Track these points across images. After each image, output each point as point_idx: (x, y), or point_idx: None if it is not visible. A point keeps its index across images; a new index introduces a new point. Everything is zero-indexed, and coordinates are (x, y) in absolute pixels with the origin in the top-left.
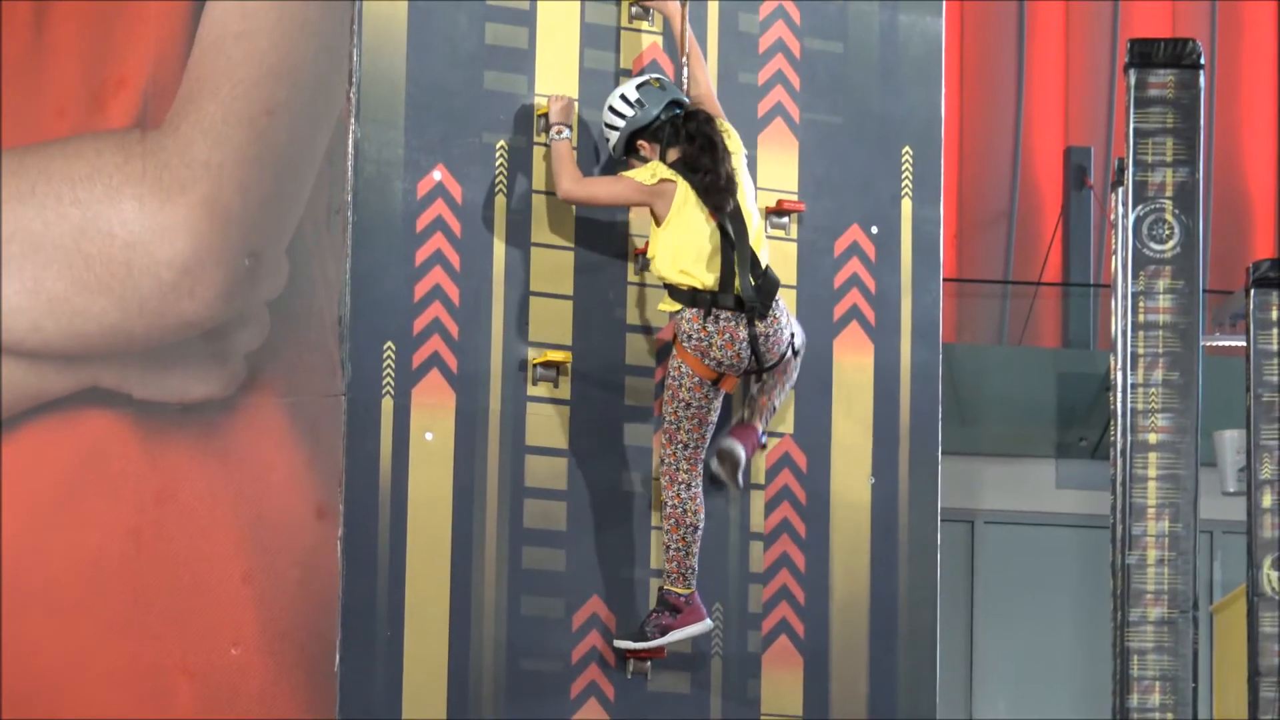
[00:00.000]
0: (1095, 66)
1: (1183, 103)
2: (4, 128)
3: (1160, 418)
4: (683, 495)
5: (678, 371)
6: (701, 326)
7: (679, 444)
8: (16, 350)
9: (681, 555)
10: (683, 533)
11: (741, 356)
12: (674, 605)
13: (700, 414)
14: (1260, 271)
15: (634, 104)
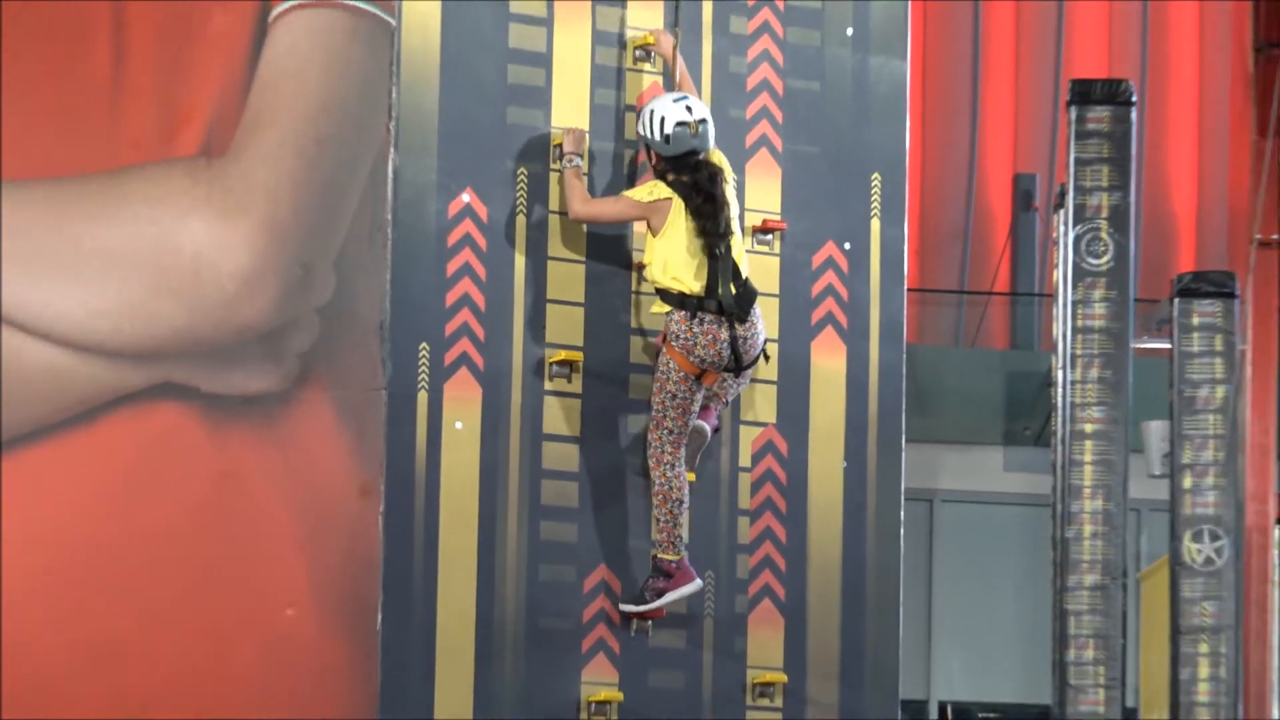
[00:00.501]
0: (1040, 103)
1: (1117, 135)
2: (88, 156)
3: (1095, 410)
4: (668, 474)
5: (665, 367)
6: (688, 328)
7: (664, 430)
8: (99, 350)
9: (670, 526)
10: (670, 506)
11: (722, 355)
12: (667, 571)
13: (684, 404)
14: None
15: (664, 137)
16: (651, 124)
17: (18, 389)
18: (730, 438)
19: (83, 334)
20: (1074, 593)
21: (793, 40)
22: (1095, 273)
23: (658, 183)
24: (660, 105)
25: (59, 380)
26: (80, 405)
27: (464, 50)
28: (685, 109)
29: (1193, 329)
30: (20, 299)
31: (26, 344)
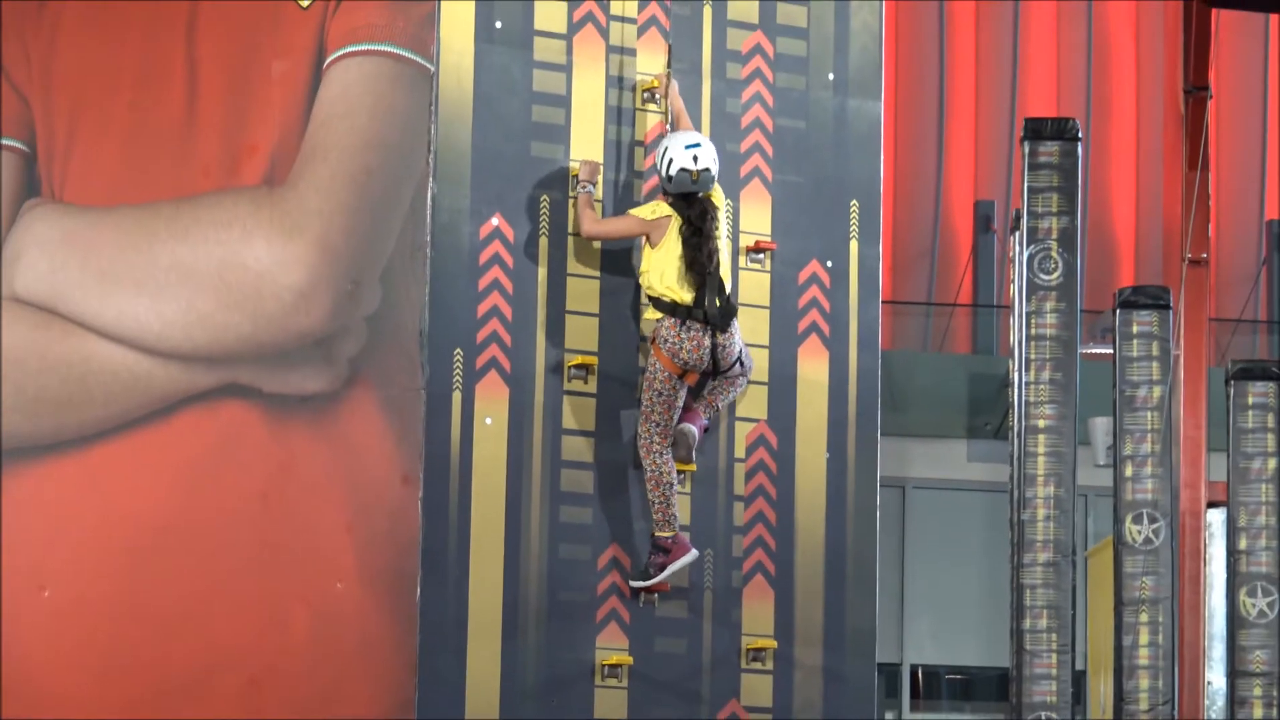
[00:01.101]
0: (998, 138)
1: (1065, 167)
2: (165, 184)
3: (1047, 408)
4: (658, 461)
5: (653, 368)
6: (677, 333)
7: (653, 423)
8: (174, 354)
9: (664, 506)
10: (662, 489)
11: (704, 359)
12: (664, 547)
13: (669, 400)
14: (1124, 296)
15: (668, 176)
16: (661, 160)
17: (102, 389)
18: (726, 432)
19: (159, 340)
20: (1029, 569)
21: (781, 84)
22: (1046, 287)
23: (659, 202)
24: (674, 146)
25: (138, 381)
26: (157, 403)
27: (494, 93)
28: (692, 158)
29: (1132, 336)
30: (104, 310)
31: (110, 349)
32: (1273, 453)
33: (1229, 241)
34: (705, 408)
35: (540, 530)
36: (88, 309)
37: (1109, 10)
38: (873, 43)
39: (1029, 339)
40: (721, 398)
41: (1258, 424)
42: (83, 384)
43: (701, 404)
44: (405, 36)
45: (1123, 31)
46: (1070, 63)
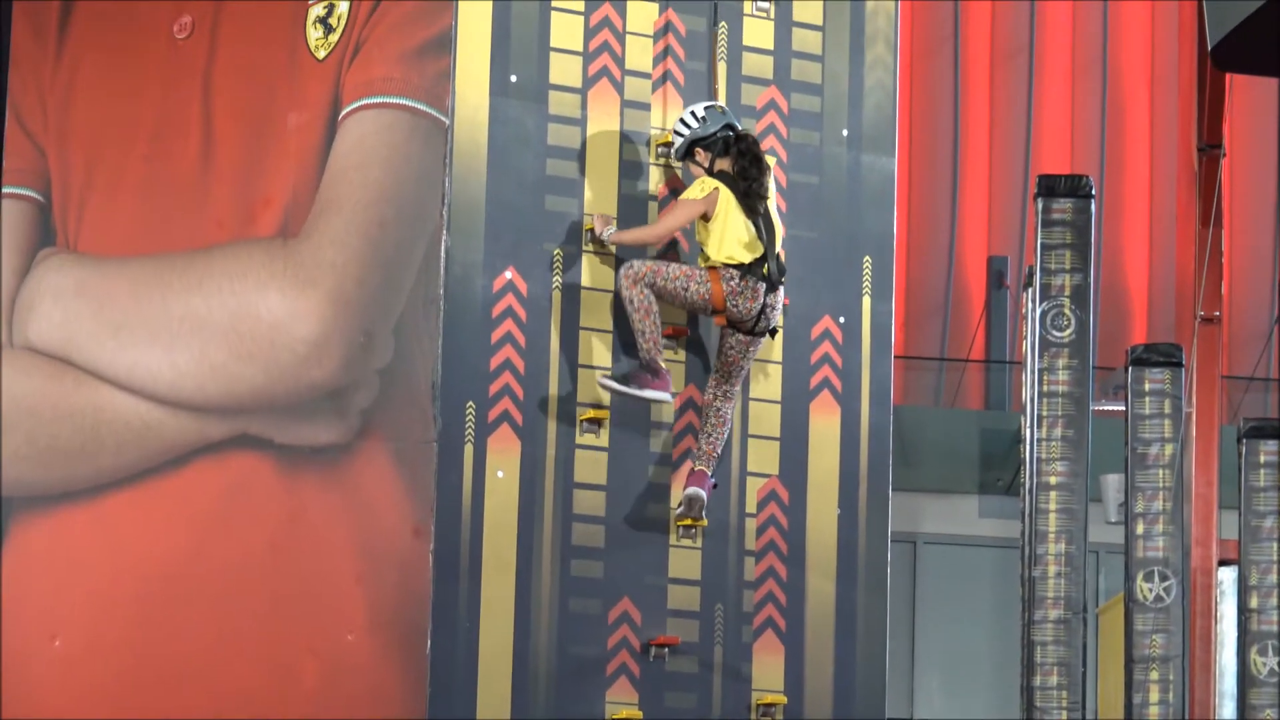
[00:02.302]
0: (1011, 195)
1: (1078, 224)
2: (179, 235)
3: (1059, 464)
4: (646, 292)
5: (701, 275)
6: (740, 281)
7: (657, 277)
8: (186, 405)
9: (655, 335)
10: (652, 319)
11: (751, 312)
12: (655, 370)
13: (681, 298)
14: (1136, 353)
15: (699, 120)
16: (686, 122)
17: (114, 439)
18: (738, 487)
19: (171, 391)
20: (1040, 625)
21: (795, 140)
22: (1059, 344)
23: (705, 178)
24: (684, 111)
25: (150, 431)
26: (168, 454)
27: (508, 146)
28: (705, 103)
29: (1144, 394)
30: (117, 360)
31: (122, 399)
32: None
33: (1242, 299)
34: (707, 462)
35: (551, 584)
36: (101, 359)
37: (1123, 68)
38: (886, 99)
39: (1041, 395)
40: (719, 442)
41: (1269, 482)
42: (95, 433)
43: (702, 460)
44: (420, 90)
45: (1136, 89)
46: (1084, 119)
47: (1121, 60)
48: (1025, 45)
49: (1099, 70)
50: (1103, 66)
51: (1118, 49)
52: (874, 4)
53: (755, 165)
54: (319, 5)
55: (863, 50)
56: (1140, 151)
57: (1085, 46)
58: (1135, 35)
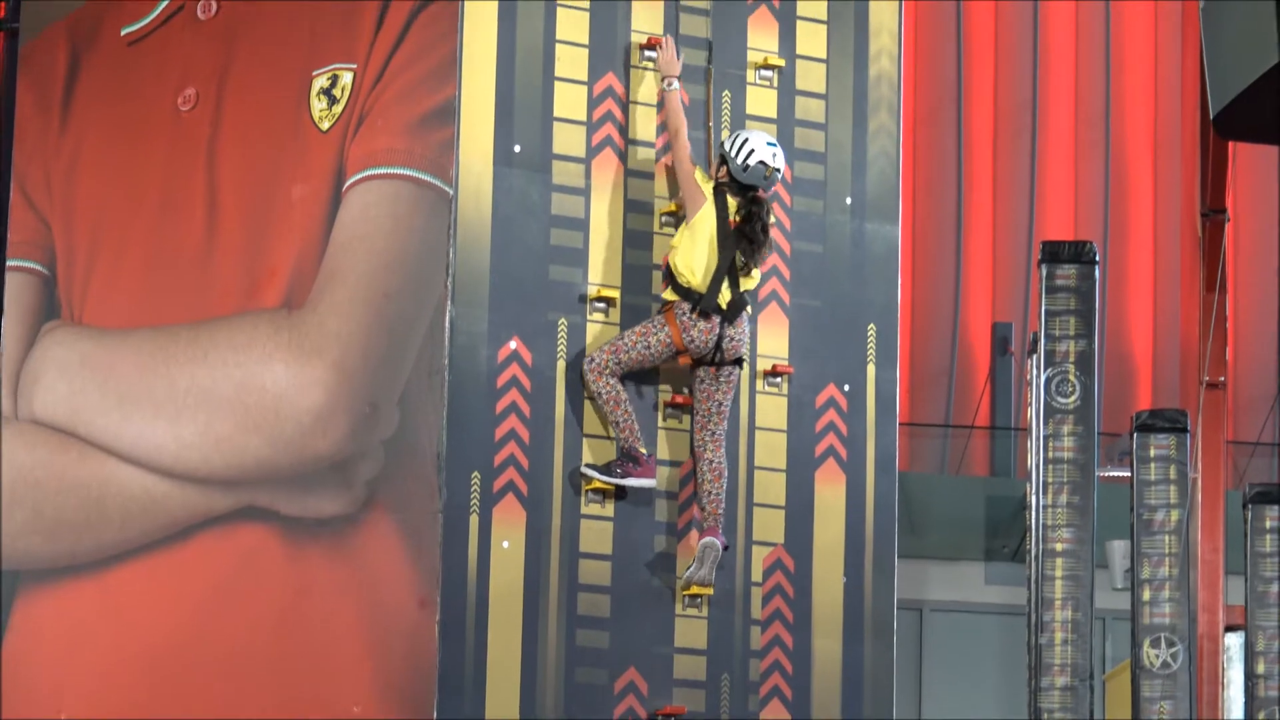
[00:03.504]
0: (1015, 261)
1: (1082, 290)
2: (183, 307)
3: (1064, 531)
4: (612, 383)
5: (659, 326)
6: (693, 310)
7: (617, 359)
8: (191, 477)
9: (630, 424)
10: (624, 408)
11: (708, 346)
12: (637, 458)
13: (648, 358)
14: (1141, 420)
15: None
16: (739, 148)
17: (119, 511)
18: (743, 556)
19: (176, 463)
20: (1047, 693)
21: (799, 208)
22: (1064, 410)
23: (709, 180)
24: (755, 139)
25: (156, 504)
26: (173, 526)
27: (512, 216)
28: (772, 154)
29: (1150, 460)
30: (123, 432)
31: (128, 472)
32: None
33: (1246, 364)
34: (716, 521)
35: (557, 654)
36: (106, 431)
37: (1127, 134)
38: (890, 167)
39: (1046, 462)
40: (720, 498)
41: (1275, 547)
42: (100, 506)
43: (709, 517)
44: (424, 160)
45: (1140, 155)
46: (1087, 185)
47: (1125, 126)
48: (1028, 111)
49: (1102, 136)
50: (1106, 132)
51: (1121, 115)
52: (877, 71)
53: (764, 234)
54: (323, 76)
55: (866, 118)
56: (1144, 217)
57: (1088, 112)
58: (1138, 101)
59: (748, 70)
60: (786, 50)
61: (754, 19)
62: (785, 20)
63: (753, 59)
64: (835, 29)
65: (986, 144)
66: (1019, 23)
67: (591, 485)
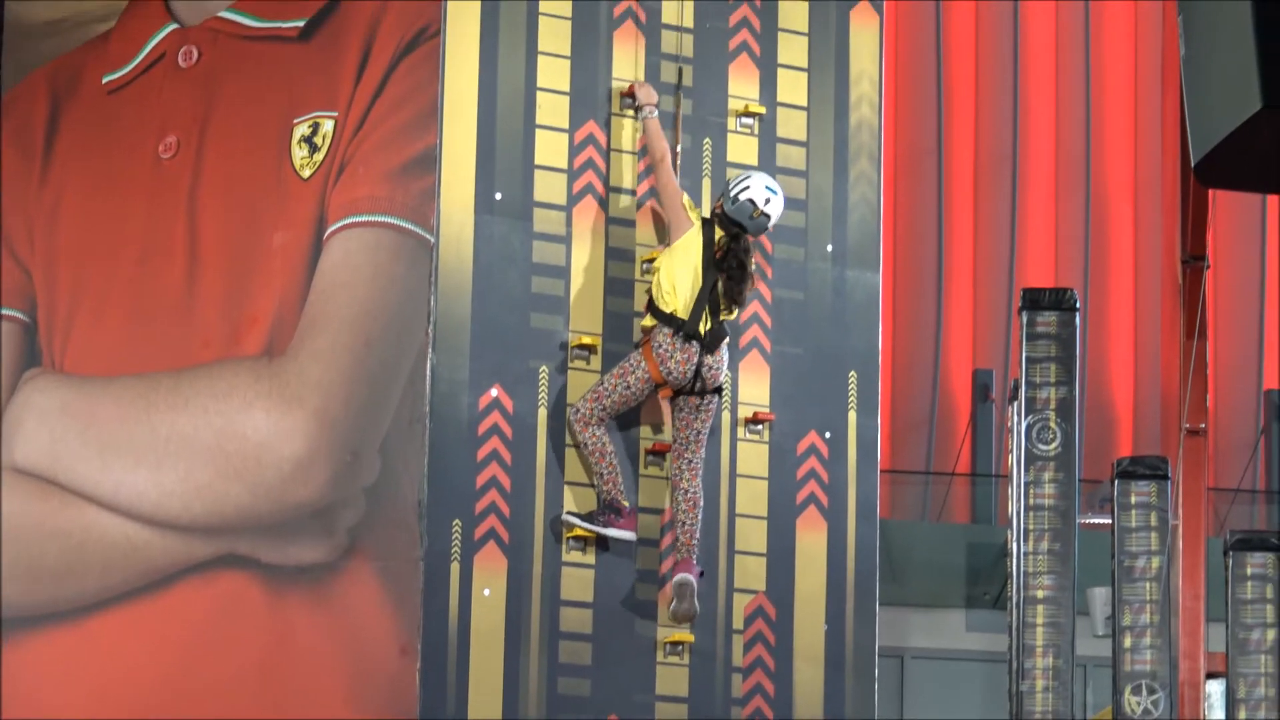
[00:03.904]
0: (996, 308)
1: (1063, 337)
2: (164, 355)
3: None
4: (598, 434)
5: (636, 363)
6: (671, 342)
7: (601, 405)
8: (171, 525)
9: (614, 476)
10: (609, 459)
11: (687, 375)
12: (618, 509)
13: (630, 398)
14: (1122, 466)
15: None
16: (737, 183)
17: (100, 559)
18: (725, 603)
19: (157, 510)
20: None
21: (780, 255)
22: (1045, 457)
23: (697, 210)
24: (756, 179)
25: (136, 551)
26: (154, 574)
27: (493, 264)
28: (765, 198)
29: (1131, 507)
30: (104, 480)
31: (108, 520)
32: (1271, 624)
33: (1227, 411)
34: (689, 552)
35: (538, 702)
36: (87, 479)
37: (1107, 181)
38: (871, 214)
39: (1027, 509)
40: (694, 529)
41: (1256, 594)
42: (81, 554)
43: (683, 549)
44: (405, 208)
45: (1120, 202)
46: (1068, 232)
47: (1105, 173)
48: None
49: (1083, 183)
50: (1086, 179)
51: (1101, 162)
52: (858, 118)
53: (740, 270)
54: (304, 124)
55: (847, 165)
56: (1124, 264)
57: (1069, 159)
58: (1118, 148)
59: (728, 118)
60: (767, 98)
61: (735, 66)
62: (766, 68)
63: (734, 106)
64: (816, 76)
65: (967, 191)
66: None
67: (573, 532)
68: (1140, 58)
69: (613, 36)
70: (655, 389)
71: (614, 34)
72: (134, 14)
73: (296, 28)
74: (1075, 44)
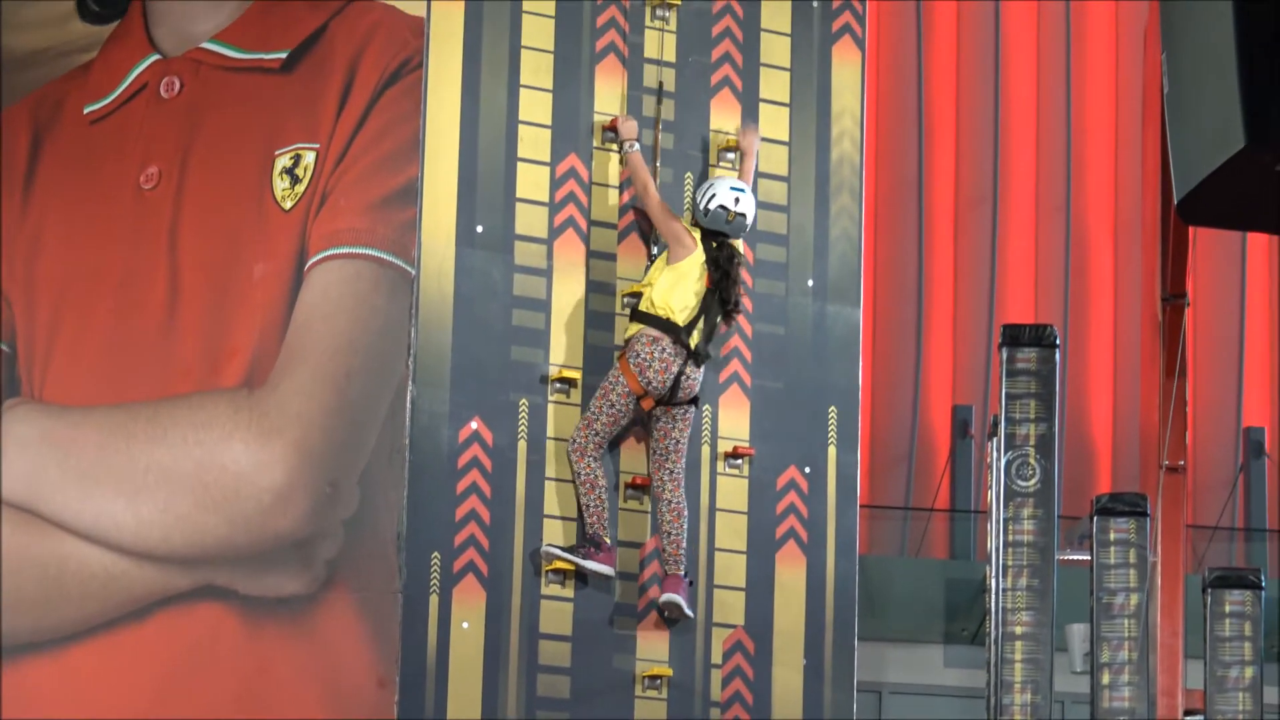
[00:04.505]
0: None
1: (1042, 373)
2: (144, 385)
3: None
4: (592, 466)
5: (615, 379)
6: (650, 352)
7: (593, 431)
8: (150, 555)
9: (600, 511)
10: (597, 493)
11: (665, 384)
12: (599, 544)
13: (617, 415)
14: (1101, 503)
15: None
16: (703, 194)
17: (78, 589)
18: (703, 638)
19: (136, 541)
20: None
21: (760, 290)
22: (1024, 493)
23: (696, 229)
24: (720, 184)
25: (115, 582)
26: (133, 604)
27: (474, 297)
28: (734, 200)
29: (1110, 543)
30: (83, 510)
31: (87, 550)
32: (1250, 661)
33: (1206, 448)
34: (677, 563)
35: None
36: (66, 509)
37: (1088, 218)
38: (852, 249)
39: (1006, 545)
40: (680, 539)
41: (1235, 632)
42: (60, 584)
43: (670, 561)
44: (387, 240)
45: (1100, 239)
46: (1048, 269)
47: (1086, 209)
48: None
49: (1063, 220)
50: (1067, 215)
51: (1081, 198)
52: (839, 154)
53: (725, 279)
54: (285, 156)
55: (828, 200)
56: (1104, 301)
57: (1049, 195)
58: (1099, 185)
59: (710, 152)
60: None
61: (716, 101)
62: (748, 103)
63: (715, 141)
64: (797, 112)
65: (947, 227)
66: (980, 105)
67: (552, 565)
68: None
69: (595, 70)
70: (637, 401)
71: (596, 68)
72: (116, 44)
73: (279, 59)
74: (1056, 81)
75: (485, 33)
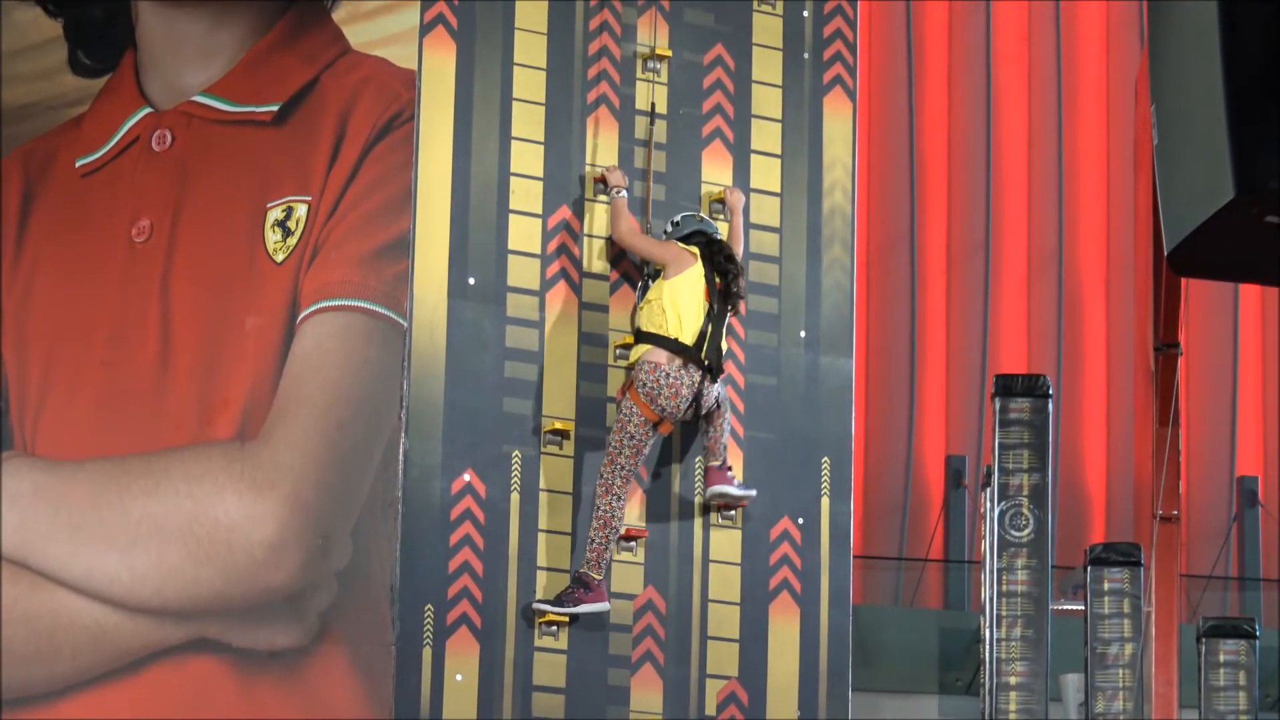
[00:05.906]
0: (969, 395)
1: (1036, 423)
2: (136, 438)
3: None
4: (614, 505)
5: (629, 410)
6: (655, 379)
7: (618, 466)
8: (142, 609)
9: (601, 549)
10: (607, 532)
11: (680, 407)
12: (588, 584)
13: (638, 445)
14: (1095, 553)
15: (674, 224)
16: (671, 232)
17: (70, 643)
18: (697, 689)
19: (128, 594)
20: None
21: (753, 341)
22: (1018, 544)
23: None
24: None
25: (107, 635)
26: (125, 657)
27: (466, 349)
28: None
29: (1104, 593)
30: (74, 563)
31: (79, 603)
32: (1245, 710)
33: (1200, 498)
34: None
35: None
36: (58, 562)
37: (1080, 267)
38: (844, 300)
39: (1000, 595)
40: (722, 433)
41: (1229, 681)
42: (51, 638)
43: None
44: (378, 292)
45: (1093, 289)
46: (1040, 319)
47: (1078, 259)
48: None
49: (1055, 270)
50: (1059, 266)
51: (1074, 247)
52: (831, 205)
53: (731, 263)
54: (277, 208)
55: (820, 252)
56: (1097, 350)
57: (1041, 245)
58: (1091, 234)
59: (702, 203)
60: (740, 184)
61: (708, 152)
62: (739, 153)
63: (707, 192)
64: (789, 163)
65: (940, 277)
66: (972, 155)
67: (545, 618)
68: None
69: (586, 122)
70: (654, 428)
71: (587, 119)
72: (107, 97)
73: (271, 112)
74: (1048, 130)
75: (476, 85)
